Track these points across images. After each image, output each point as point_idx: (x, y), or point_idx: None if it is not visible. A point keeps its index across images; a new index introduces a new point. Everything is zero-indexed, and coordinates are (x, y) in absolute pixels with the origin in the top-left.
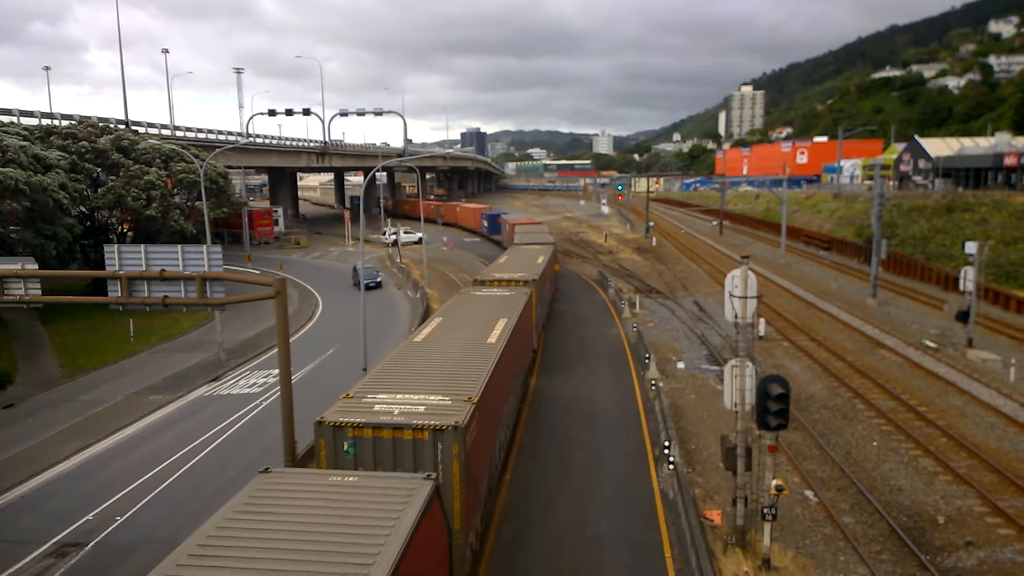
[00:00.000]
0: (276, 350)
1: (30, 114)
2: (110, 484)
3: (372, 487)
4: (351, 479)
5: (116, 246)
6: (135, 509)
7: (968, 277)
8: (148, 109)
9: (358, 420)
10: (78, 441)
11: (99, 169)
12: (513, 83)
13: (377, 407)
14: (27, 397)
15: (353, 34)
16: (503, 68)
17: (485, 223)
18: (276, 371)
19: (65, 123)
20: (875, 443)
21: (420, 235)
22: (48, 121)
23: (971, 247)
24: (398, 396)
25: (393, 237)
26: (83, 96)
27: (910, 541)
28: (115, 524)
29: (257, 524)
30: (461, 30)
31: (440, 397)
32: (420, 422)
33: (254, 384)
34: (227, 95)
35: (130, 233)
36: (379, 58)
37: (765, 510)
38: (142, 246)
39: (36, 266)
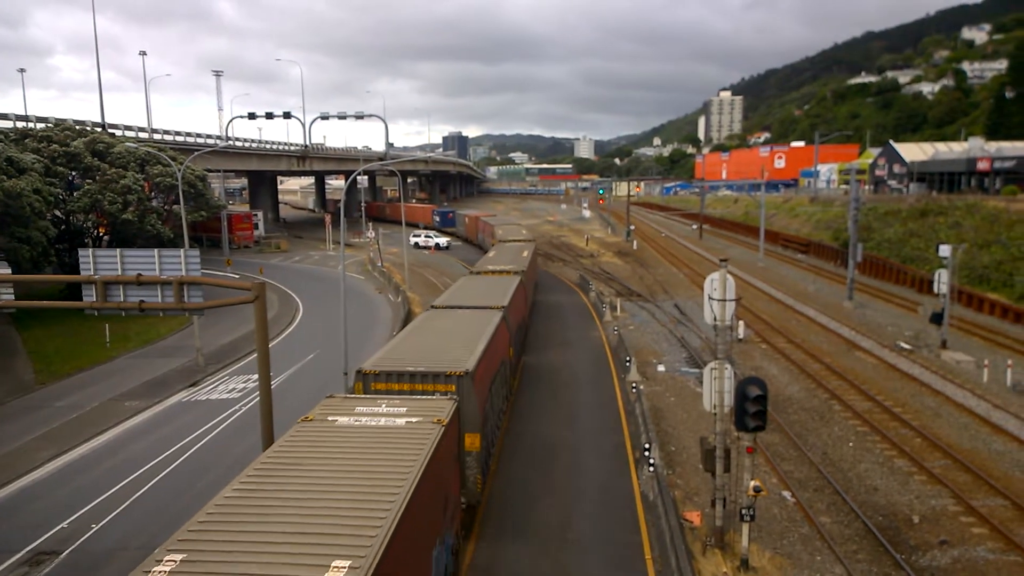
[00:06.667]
0: (255, 355)
1: (5, 116)
2: (86, 491)
3: None
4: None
5: (91, 250)
6: (111, 516)
7: (942, 280)
8: (116, 112)
9: (489, 269)
10: (53, 448)
11: (73, 172)
12: (480, 88)
13: (489, 267)
14: (1, 403)
15: (312, 39)
16: (469, 73)
17: (436, 218)
18: (255, 376)
19: (40, 126)
20: (851, 444)
21: (438, 240)
22: (23, 124)
23: (945, 250)
24: (497, 264)
25: (415, 240)
26: (50, 100)
27: (885, 540)
28: (91, 532)
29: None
30: (419, 35)
31: (511, 266)
32: (507, 270)
33: (233, 389)
34: (193, 98)
35: (106, 237)
36: (341, 63)
37: (743, 511)
38: (117, 250)
39: (9, 270)
